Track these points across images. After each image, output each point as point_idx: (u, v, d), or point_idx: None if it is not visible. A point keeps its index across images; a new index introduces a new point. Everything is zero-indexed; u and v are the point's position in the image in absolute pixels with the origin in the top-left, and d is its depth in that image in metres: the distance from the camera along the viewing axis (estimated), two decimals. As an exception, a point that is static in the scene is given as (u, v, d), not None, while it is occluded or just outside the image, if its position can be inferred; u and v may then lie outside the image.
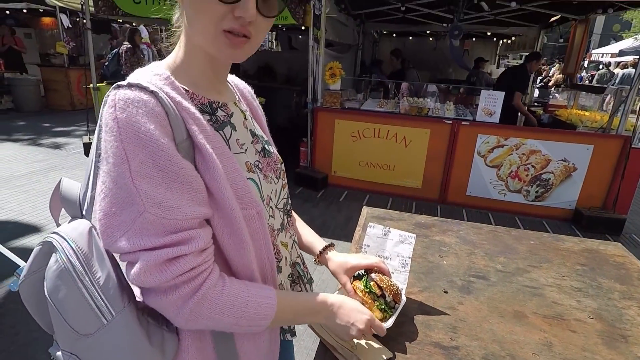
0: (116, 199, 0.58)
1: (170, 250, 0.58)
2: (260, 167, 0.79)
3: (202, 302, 0.62)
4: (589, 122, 4.47)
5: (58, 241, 0.62)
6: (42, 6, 8.03)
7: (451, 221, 1.58)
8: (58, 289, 0.60)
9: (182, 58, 0.70)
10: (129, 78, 0.64)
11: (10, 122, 7.37)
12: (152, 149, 0.57)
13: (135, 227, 0.57)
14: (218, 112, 0.73)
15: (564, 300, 1.09)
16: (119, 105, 0.58)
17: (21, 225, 3.52)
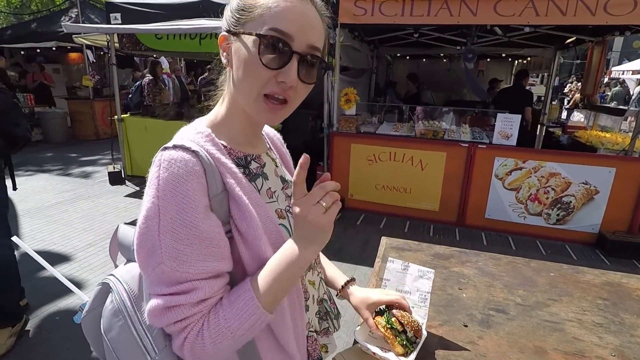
0: (145, 248, 0.65)
1: (170, 299, 0.64)
2: (290, 212, 0.84)
3: (192, 352, 0.66)
4: (610, 144, 4.41)
5: (114, 283, 0.70)
6: (70, 43, 8.47)
7: (469, 252, 1.59)
8: (112, 326, 0.68)
9: (224, 116, 0.78)
10: (175, 139, 0.72)
11: (39, 154, 7.70)
12: (183, 206, 0.64)
13: (154, 274, 0.65)
14: (252, 164, 0.80)
15: (585, 336, 1.09)
16: (163, 165, 0.65)
17: (52, 254, 3.66)
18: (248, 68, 0.69)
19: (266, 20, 0.67)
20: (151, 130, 5.98)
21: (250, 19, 0.69)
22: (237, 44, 0.70)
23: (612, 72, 17.95)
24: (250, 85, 0.70)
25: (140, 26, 5.22)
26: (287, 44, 0.67)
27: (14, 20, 17.46)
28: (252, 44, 0.68)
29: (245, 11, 0.70)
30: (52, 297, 2.97)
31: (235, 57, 0.71)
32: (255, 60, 0.68)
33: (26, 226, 4.26)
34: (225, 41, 0.73)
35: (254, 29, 0.68)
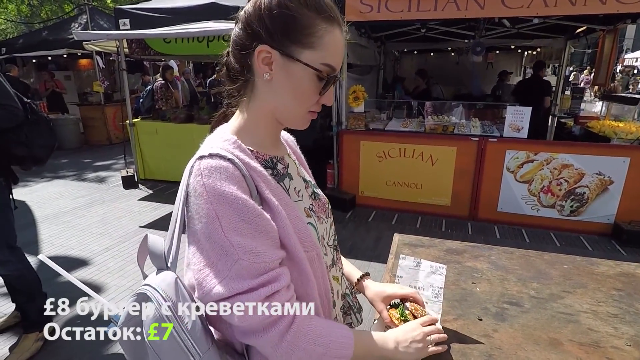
0: (212, 252, 0.68)
1: (266, 289, 0.67)
2: (314, 210, 0.88)
3: (297, 335, 0.70)
4: (624, 133, 4.35)
5: (151, 292, 0.70)
6: (80, 50, 8.61)
7: (482, 246, 1.60)
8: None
9: (248, 121, 0.81)
10: (206, 148, 0.75)
11: (54, 160, 7.83)
12: (237, 206, 0.68)
13: (232, 273, 0.67)
14: (278, 165, 0.84)
15: (600, 327, 1.10)
16: (205, 173, 0.69)
17: (70, 259, 3.75)
18: (302, 93, 0.75)
19: (325, 55, 0.73)
20: (162, 133, 6.06)
21: (308, 46, 0.72)
22: (291, 67, 0.73)
23: (625, 61, 17.61)
24: (301, 106, 0.77)
25: (148, 31, 5.29)
26: (335, 76, 0.75)
27: (24, 29, 17.78)
28: (310, 76, 0.73)
29: (299, 31, 0.71)
30: (72, 301, 3.03)
31: (285, 78, 0.74)
32: (312, 89, 0.75)
33: (45, 232, 4.37)
34: (268, 55, 0.73)
35: (313, 60, 0.72)
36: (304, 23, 0.70)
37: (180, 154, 5.93)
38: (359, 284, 1.08)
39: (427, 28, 6.45)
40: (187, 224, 0.72)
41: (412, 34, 7.28)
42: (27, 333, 2.47)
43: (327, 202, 0.97)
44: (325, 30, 0.72)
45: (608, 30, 5.29)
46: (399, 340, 0.85)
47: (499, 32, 6.75)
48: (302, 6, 0.70)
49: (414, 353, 0.85)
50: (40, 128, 2.27)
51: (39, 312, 2.50)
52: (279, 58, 0.72)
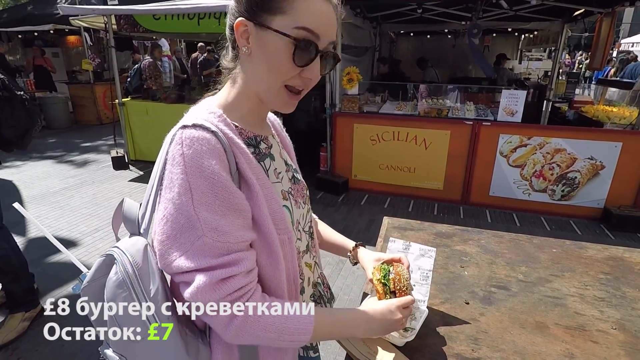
0: (177, 223, 0.66)
1: (224, 271, 0.66)
2: (292, 194, 0.87)
3: (246, 320, 0.69)
4: (617, 118, 4.34)
5: (119, 255, 0.69)
6: (68, 26, 8.36)
7: (472, 230, 1.59)
8: (115, 297, 0.68)
9: (235, 97, 0.80)
10: (190, 118, 0.73)
11: (43, 140, 7.72)
12: (212, 181, 0.66)
13: (194, 248, 0.66)
14: (261, 144, 0.83)
15: (586, 310, 1.10)
16: (186, 143, 0.67)
17: (59, 240, 3.63)
18: (276, 64, 0.71)
19: (297, 18, 0.68)
20: (153, 113, 5.96)
21: (279, 12, 0.69)
22: (264, 37, 0.71)
23: (621, 45, 17.54)
24: (276, 79, 0.73)
25: (137, 7, 5.13)
26: (314, 44, 0.70)
27: (10, 3, 17.24)
28: (282, 43, 0.69)
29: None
30: (61, 282, 3.02)
31: (260, 49, 0.72)
32: (285, 58, 0.70)
33: (32, 213, 4.31)
34: (244, 28, 0.72)
35: (284, 25, 0.69)
36: None
37: (171, 134, 5.86)
38: (354, 250, 1.10)
39: (424, 9, 6.34)
40: (159, 192, 0.71)
41: (409, 15, 7.15)
42: (13, 313, 2.45)
43: (305, 187, 0.96)
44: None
45: (606, 13, 5.22)
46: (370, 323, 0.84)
47: (496, 15, 6.64)
48: None
49: (380, 332, 0.86)
50: (12, 107, 2.14)
51: (24, 292, 2.48)
52: (253, 29, 0.71)
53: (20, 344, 2.40)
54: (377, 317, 0.83)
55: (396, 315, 0.84)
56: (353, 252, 1.10)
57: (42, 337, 2.47)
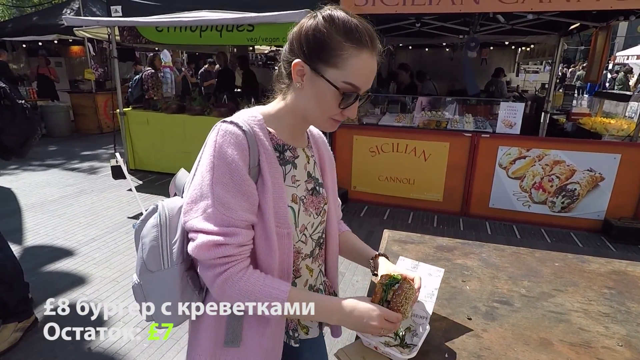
0: (198, 192, 0.84)
1: (220, 238, 0.81)
2: (304, 201, 0.99)
3: (225, 282, 0.84)
4: (615, 130, 4.36)
5: (162, 206, 0.91)
6: (72, 37, 8.43)
7: (473, 243, 1.58)
8: (148, 234, 0.90)
9: (279, 110, 0.96)
10: (234, 116, 0.92)
11: (43, 148, 7.71)
12: (231, 167, 0.83)
13: (204, 215, 0.83)
14: (286, 152, 0.97)
15: (591, 326, 1.08)
16: (220, 133, 0.85)
17: (55, 249, 3.67)
18: (323, 104, 0.87)
19: (346, 74, 0.83)
20: (153, 123, 5.97)
21: (333, 65, 0.83)
22: (316, 81, 0.86)
23: (616, 58, 17.71)
24: (322, 114, 0.90)
25: (140, 19, 5.18)
26: (356, 94, 0.86)
27: (16, 13, 17.40)
28: (331, 91, 0.85)
29: (327, 52, 0.83)
30: (56, 291, 2.99)
31: (311, 89, 0.87)
32: (331, 102, 0.86)
33: (30, 221, 4.28)
34: (300, 68, 0.86)
35: (335, 78, 0.84)
36: (332, 46, 0.83)
37: (171, 144, 5.86)
38: (375, 259, 1.13)
39: (422, 23, 6.40)
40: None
41: (407, 29, 7.22)
42: (6, 323, 2.41)
43: (324, 202, 1.06)
44: (350, 53, 0.82)
45: (601, 27, 5.28)
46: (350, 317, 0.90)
47: (494, 28, 6.71)
48: (335, 32, 0.83)
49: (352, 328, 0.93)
50: (13, 115, 2.15)
51: (18, 302, 2.44)
52: (309, 72, 0.86)
53: (11, 355, 2.36)
54: (355, 315, 0.89)
55: (374, 321, 0.88)
56: (374, 262, 1.13)
57: (35, 348, 2.43)
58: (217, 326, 0.94)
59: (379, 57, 0.89)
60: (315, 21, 0.85)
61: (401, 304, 0.93)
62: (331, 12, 0.85)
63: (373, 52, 0.86)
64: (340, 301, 0.91)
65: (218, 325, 0.94)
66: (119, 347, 2.45)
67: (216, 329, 0.94)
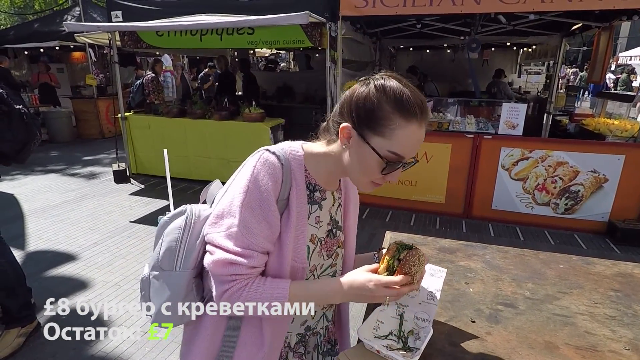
0: (227, 209, 0.88)
1: (235, 257, 0.85)
2: (321, 243, 1.02)
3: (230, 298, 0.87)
4: (619, 131, 4.33)
5: (190, 210, 0.96)
6: (73, 43, 8.46)
7: (476, 245, 1.56)
8: (171, 233, 0.94)
9: (320, 155, 0.97)
10: (277, 146, 0.95)
11: (45, 154, 7.74)
12: (262, 195, 0.86)
13: (227, 232, 0.86)
14: (316, 193, 0.99)
15: (597, 329, 1.06)
16: (261, 161, 0.89)
17: (57, 254, 3.67)
18: (366, 168, 0.88)
19: (392, 144, 0.84)
20: (155, 127, 5.97)
21: (380, 134, 0.84)
22: (362, 146, 0.87)
23: (619, 58, 17.67)
24: (364, 177, 0.91)
25: (141, 23, 5.19)
26: (400, 162, 0.87)
27: (18, 20, 17.52)
28: (375, 158, 0.85)
29: (376, 121, 0.84)
30: (58, 296, 2.93)
31: (356, 153, 0.88)
32: (375, 168, 0.87)
33: (32, 226, 4.28)
34: (348, 131, 0.88)
35: (380, 146, 0.84)
36: (380, 115, 0.83)
37: (173, 148, 5.85)
38: (380, 251, 1.11)
39: (423, 24, 6.39)
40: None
41: (408, 30, 7.22)
42: (9, 328, 2.40)
43: (338, 245, 1.07)
44: (398, 125, 0.83)
45: (603, 27, 5.26)
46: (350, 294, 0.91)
47: (495, 29, 6.70)
48: (385, 102, 0.83)
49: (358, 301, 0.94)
50: (10, 121, 2.13)
51: (21, 307, 2.43)
52: (355, 136, 0.87)
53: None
54: (353, 289, 0.90)
55: (374, 292, 0.88)
56: (378, 254, 1.12)
57: (37, 353, 2.42)
58: (212, 342, 0.96)
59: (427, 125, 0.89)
60: (367, 89, 0.86)
61: (412, 265, 0.90)
62: (383, 82, 0.85)
63: (422, 123, 0.86)
64: (338, 281, 0.92)
65: (212, 342, 0.96)
66: (120, 351, 2.43)
67: (210, 345, 0.96)
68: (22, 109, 2.19)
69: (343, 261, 1.10)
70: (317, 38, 4.60)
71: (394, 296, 0.89)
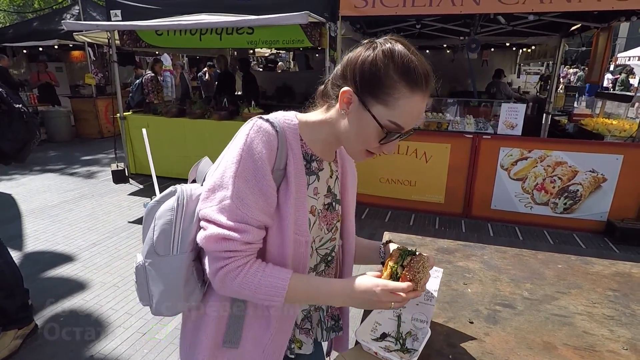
0: (220, 181, 0.83)
1: (229, 232, 0.81)
2: (320, 215, 0.98)
3: (225, 276, 0.83)
4: (617, 131, 4.34)
5: (182, 190, 0.90)
6: (72, 42, 8.45)
7: (474, 245, 1.56)
8: (163, 216, 0.88)
9: (316, 124, 0.93)
10: (271, 114, 0.91)
11: (44, 153, 7.72)
12: (257, 164, 0.82)
13: (220, 205, 0.82)
14: (313, 163, 0.95)
15: (595, 329, 1.06)
16: (254, 128, 0.85)
17: (55, 254, 3.66)
18: (363, 136, 0.85)
19: (394, 114, 0.81)
20: (153, 127, 5.96)
21: (382, 102, 0.80)
22: (362, 113, 0.83)
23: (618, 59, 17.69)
24: (359, 145, 0.87)
25: (140, 22, 5.18)
26: (400, 132, 0.83)
27: (17, 19, 17.48)
28: (374, 126, 0.82)
29: (380, 88, 0.80)
30: (57, 297, 2.97)
31: (355, 119, 0.84)
32: (372, 136, 0.84)
33: (30, 226, 4.27)
34: (349, 96, 0.83)
35: (381, 115, 0.81)
36: (385, 83, 0.79)
37: (172, 148, 5.85)
38: (386, 246, 1.11)
39: (423, 24, 6.39)
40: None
41: (408, 31, 7.21)
42: (6, 330, 2.39)
43: (338, 220, 1.04)
44: (402, 94, 0.79)
45: (602, 28, 5.27)
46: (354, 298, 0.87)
47: (494, 30, 6.70)
48: (391, 69, 0.79)
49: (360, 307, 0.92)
50: (10, 120, 2.14)
51: (18, 308, 2.42)
52: (356, 102, 0.83)
53: (12, 363, 2.35)
54: (358, 293, 0.86)
55: (379, 297, 0.85)
56: (384, 248, 1.11)
57: (35, 355, 2.41)
58: (218, 325, 0.93)
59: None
60: (374, 53, 0.81)
61: (417, 271, 0.88)
62: (392, 46, 0.80)
63: (426, 94, 0.83)
64: (342, 284, 0.88)
65: (219, 325, 0.93)
66: (119, 353, 2.42)
67: (217, 328, 0.93)
68: (21, 108, 2.19)
69: (342, 236, 1.08)
70: (317, 38, 4.60)
71: (399, 302, 0.86)
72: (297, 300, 0.88)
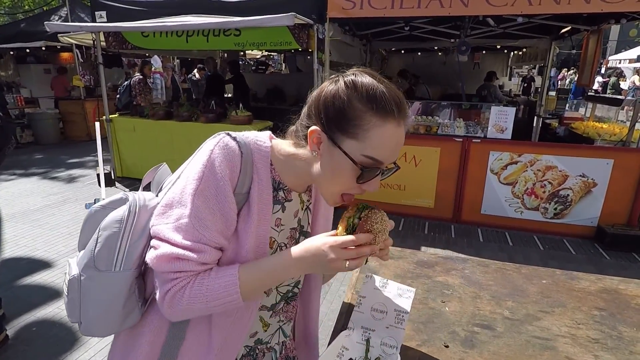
0: (177, 197, 0.77)
1: (184, 252, 0.74)
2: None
3: (172, 299, 0.75)
4: (608, 135, 4.30)
5: (134, 199, 0.83)
6: (59, 43, 8.31)
7: (456, 258, 1.48)
8: (108, 228, 0.80)
9: (290, 155, 0.84)
10: (242, 133, 0.85)
11: (29, 156, 7.58)
12: (218, 184, 0.76)
13: (176, 224, 0.75)
14: (280, 192, 0.88)
15: (579, 354, 0.99)
16: (219, 145, 0.78)
17: (34, 261, 3.54)
18: (339, 178, 0.77)
19: (367, 147, 0.73)
20: (140, 130, 5.86)
21: (352, 136, 0.74)
22: (334, 152, 0.76)
23: (609, 62, 17.83)
24: (335, 187, 0.80)
25: (125, 24, 5.09)
26: (378, 168, 0.76)
27: (8, 20, 17.26)
28: (349, 164, 0.75)
29: (347, 121, 0.73)
30: (30, 307, 2.86)
31: (328, 160, 0.77)
32: (349, 176, 0.76)
33: (9, 231, 4.14)
34: (317, 135, 0.77)
35: (354, 150, 0.74)
36: (351, 115, 0.73)
37: (159, 151, 5.74)
38: None
39: (413, 27, 6.34)
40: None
41: (399, 33, 7.17)
42: None
43: None
44: (372, 124, 0.73)
45: (592, 30, 5.25)
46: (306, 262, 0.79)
47: (485, 32, 6.67)
48: (356, 99, 0.73)
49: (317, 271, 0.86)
50: None
51: None
52: (326, 141, 0.77)
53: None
54: (310, 257, 0.78)
55: (329, 256, 0.74)
56: None
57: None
58: (151, 350, 0.85)
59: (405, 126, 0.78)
60: (336, 86, 0.75)
61: (374, 222, 0.78)
62: (354, 78, 0.75)
63: (401, 122, 0.75)
64: (293, 252, 0.79)
65: (152, 350, 0.85)
66: (91, 367, 2.33)
67: (149, 354, 0.85)
68: None
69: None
70: (305, 40, 4.53)
71: (355, 260, 0.75)
72: (255, 290, 0.80)
